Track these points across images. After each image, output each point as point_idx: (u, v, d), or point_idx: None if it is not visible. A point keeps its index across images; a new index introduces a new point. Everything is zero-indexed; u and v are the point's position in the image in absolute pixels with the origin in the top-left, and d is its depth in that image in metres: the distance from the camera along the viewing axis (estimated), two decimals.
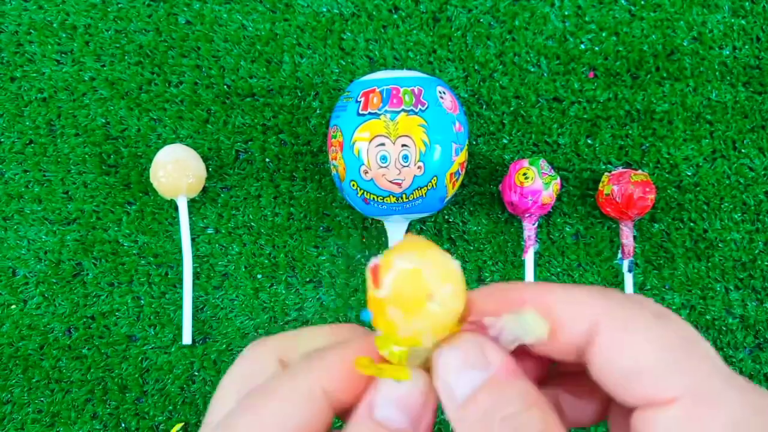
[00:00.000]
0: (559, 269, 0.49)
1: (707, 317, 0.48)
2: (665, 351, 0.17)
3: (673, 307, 0.48)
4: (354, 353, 0.19)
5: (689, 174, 0.49)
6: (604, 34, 0.50)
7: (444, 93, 0.43)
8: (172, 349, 0.49)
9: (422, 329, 0.17)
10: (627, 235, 0.48)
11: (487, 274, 0.49)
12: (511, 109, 0.50)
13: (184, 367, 0.49)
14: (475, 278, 0.49)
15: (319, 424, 0.18)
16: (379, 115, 0.41)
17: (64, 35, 0.51)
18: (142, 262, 0.50)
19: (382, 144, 0.41)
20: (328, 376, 0.19)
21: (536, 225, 0.48)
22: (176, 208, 0.50)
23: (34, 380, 0.49)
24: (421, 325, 0.17)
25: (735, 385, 0.16)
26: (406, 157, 0.41)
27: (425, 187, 0.42)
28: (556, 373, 0.22)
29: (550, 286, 0.19)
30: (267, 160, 0.50)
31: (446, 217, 0.50)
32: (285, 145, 0.50)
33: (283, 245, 0.50)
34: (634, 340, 0.17)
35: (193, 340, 0.49)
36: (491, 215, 0.49)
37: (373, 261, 0.18)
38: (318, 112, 0.50)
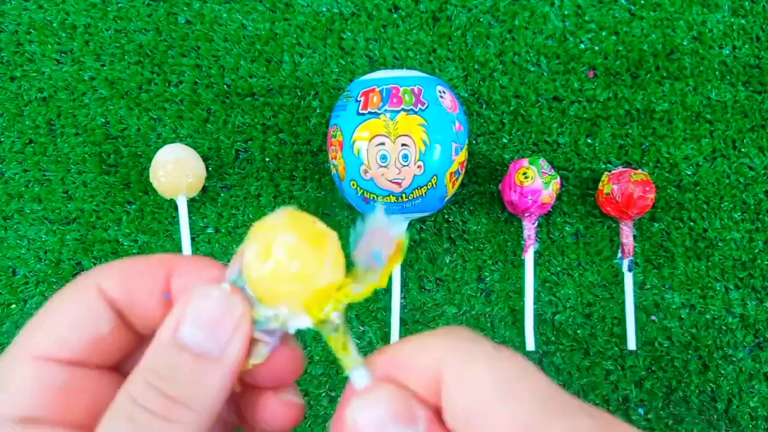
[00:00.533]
0: (558, 268, 0.49)
1: (707, 316, 0.48)
2: (501, 383, 0.17)
3: (673, 307, 0.48)
4: (142, 261, 0.20)
5: (689, 173, 0.49)
6: (603, 34, 0.50)
7: (444, 92, 0.43)
8: None
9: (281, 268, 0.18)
10: (627, 234, 0.48)
11: (486, 274, 0.49)
12: (511, 108, 0.50)
13: None
14: (475, 278, 0.49)
15: (98, 320, 0.18)
16: (379, 114, 0.41)
17: (64, 35, 0.51)
18: None
19: (382, 143, 0.41)
20: (104, 274, 0.19)
21: (536, 224, 0.48)
22: (176, 208, 0.50)
23: None
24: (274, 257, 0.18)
25: (566, 412, 0.16)
26: (405, 157, 0.41)
27: (425, 187, 0.42)
28: None
29: (403, 342, 0.19)
30: (267, 159, 0.50)
31: (446, 216, 0.50)
32: (285, 145, 0.50)
33: None
34: (475, 373, 0.17)
35: None
36: (491, 215, 0.50)
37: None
38: (318, 111, 0.50)
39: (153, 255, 0.20)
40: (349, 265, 0.20)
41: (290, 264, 0.18)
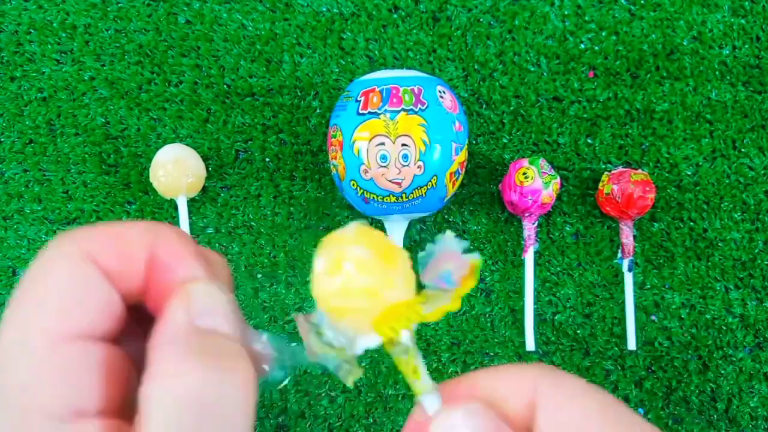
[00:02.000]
0: (558, 268, 0.49)
1: (707, 316, 0.48)
2: (602, 416, 0.17)
3: (673, 307, 0.48)
4: (128, 227, 0.18)
5: (689, 173, 0.49)
6: (603, 34, 0.50)
7: (444, 92, 0.43)
8: None
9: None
10: (627, 234, 0.48)
11: (487, 274, 0.49)
12: (511, 108, 0.50)
13: None
14: None
15: (100, 290, 0.16)
16: (379, 114, 0.41)
17: (64, 35, 0.51)
18: None
19: (382, 143, 0.41)
20: (90, 239, 0.17)
21: (536, 224, 0.48)
22: (176, 208, 0.50)
23: None
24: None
25: None
26: (405, 157, 0.41)
27: (425, 187, 0.42)
28: None
29: (491, 370, 0.19)
30: (267, 159, 0.50)
31: (446, 216, 0.50)
32: (285, 145, 0.50)
33: (283, 245, 0.50)
34: (576, 404, 0.17)
35: None
36: (491, 215, 0.50)
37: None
38: (318, 111, 0.50)
39: (134, 223, 0.18)
40: (420, 286, 0.19)
41: (360, 279, 0.17)
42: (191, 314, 0.16)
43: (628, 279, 0.48)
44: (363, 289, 0.17)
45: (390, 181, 0.42)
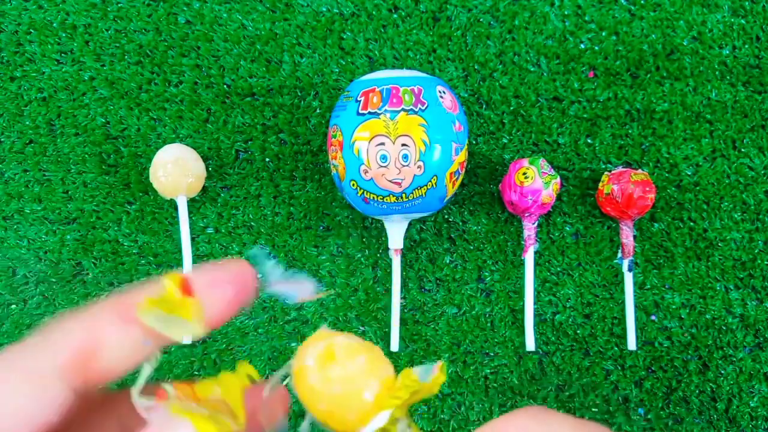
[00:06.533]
0: (558, 269, 0.49)
1: (707, 317, 0.48)
2: None
3: (673, 307, 0.48)
4: (112, 311, 0.16)
5: (689, 173, 0.49)
6: (603, 34, 0.50)
7: (444, 92, 0.43)
8: (172, 349, 0.49)
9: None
10: (627, 234, 0.48)
11: (486, 274, 0.49)
12: (511, 108, 0.50)
13: (184, 367, 0.49)
14: (475, 278, 0.49)
15: (49, 411, 0.15)
16: (379, 114, 0.41)
17: (64, 35, 0.51)
18: (142, 261, 0.50)
19: (382, 143, 0.41)
20: (66, 350, 0.16)
21: (536, 224, 0.48)
22: (176, 208, 0.50)
23: None
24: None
25: None
26: (406, 157, 0.41)
27: (425, 187, 0.42)
28: None
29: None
30: (267, 159, 0.50)
31: (446, 216, 0.50)
32: (285, 145, 0.50)
33: (283, 245, 0.50)
34: None
35: (193, 340, 0.49)
36: (491, 215, 0.50)
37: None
38: (318, 111, 0.50)
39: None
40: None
41: (351, 363, 0.17)
42: None
43: (628, 279, 0.48)
44: (355, 373, 0.17)
45: (390, 181, 0.42)
